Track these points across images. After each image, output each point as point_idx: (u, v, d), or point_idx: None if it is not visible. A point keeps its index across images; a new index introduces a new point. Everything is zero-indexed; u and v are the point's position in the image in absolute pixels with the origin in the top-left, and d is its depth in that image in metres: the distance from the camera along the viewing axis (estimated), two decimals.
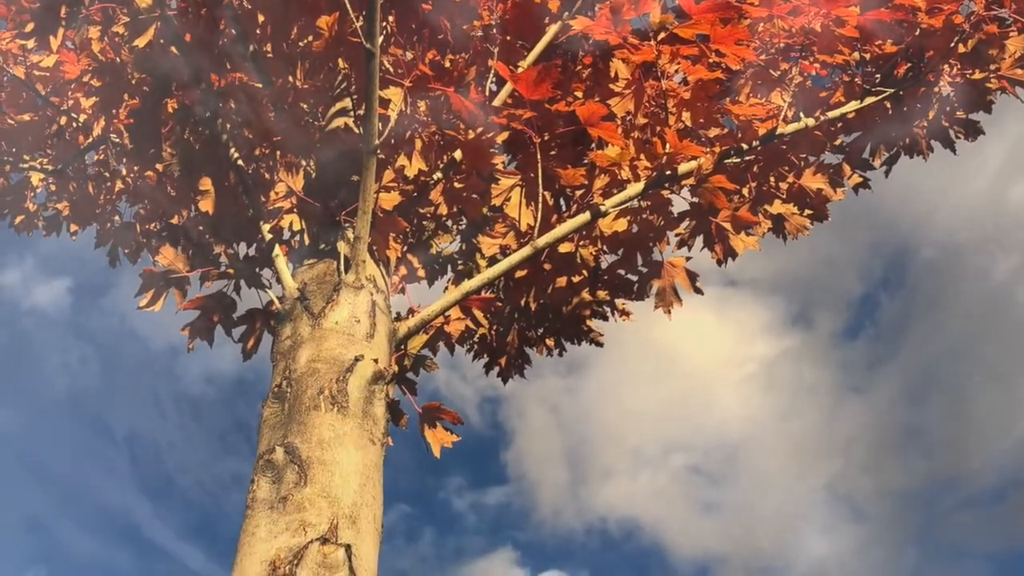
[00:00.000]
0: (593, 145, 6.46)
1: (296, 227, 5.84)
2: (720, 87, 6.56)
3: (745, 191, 6.97)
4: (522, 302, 6.95)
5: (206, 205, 6.07)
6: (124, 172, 9.43)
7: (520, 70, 5.98)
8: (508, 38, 6.48)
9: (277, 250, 5.73)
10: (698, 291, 6.73)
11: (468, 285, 5.70)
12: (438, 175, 6.15)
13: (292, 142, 6.17)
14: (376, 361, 5.08)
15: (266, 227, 5.82)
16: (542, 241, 5.68)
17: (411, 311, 6.10)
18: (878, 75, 6.98)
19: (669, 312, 6.74)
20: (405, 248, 6.36)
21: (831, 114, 6.73)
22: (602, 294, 7.17)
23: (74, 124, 9.26)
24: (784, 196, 7.09)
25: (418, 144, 5.93)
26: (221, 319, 6.34)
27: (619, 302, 7.32)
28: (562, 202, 6.70)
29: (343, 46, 5.95)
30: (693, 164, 6.06)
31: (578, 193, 6.40)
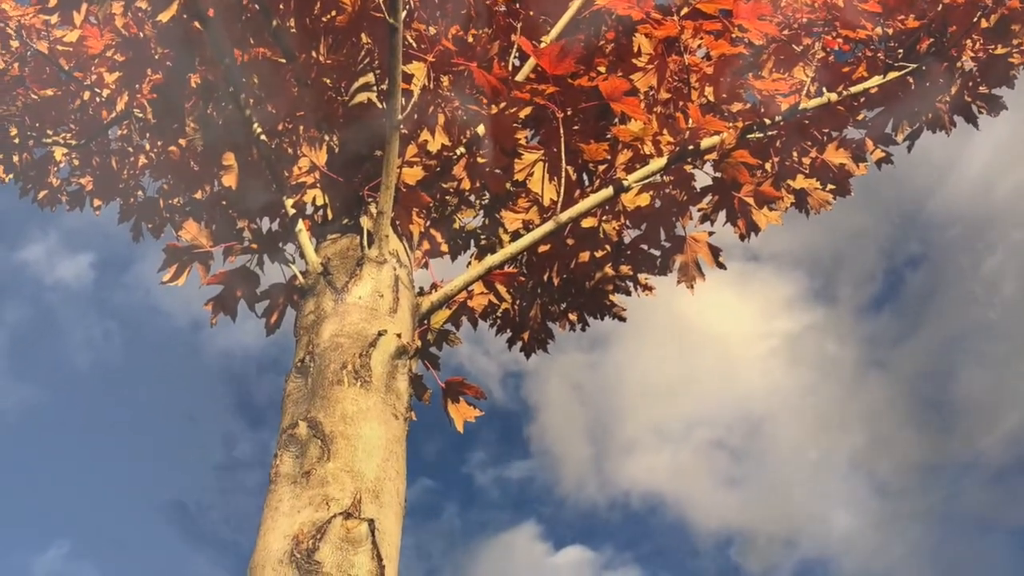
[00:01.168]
0: (616, 120, 6.43)
1: (319, 202, 5.82)
2: (742, 62, 6.54)
3: (768, 166, 6.93)
4: (545, 277, 6.94)
5: (229, 180, 6.05)
6: (147, 147, 9.43)
7: (543, 45, 5.97)
8: (531, 13, 6.45)
9: (300, 225, 5.71)
10: (721, 266, 6.71)
11: (491, 260, 5.68)
12: (461, 150, 6.13)
13: (315, 117, 6.15)
14: (399, 336, 5.06)
15: (289, 202, 5.79)
16: (565, 216, 5.66)
17: (434, 286, 6.08)
18: (900, 50, 6.93)
19: (692, 287, 6.71)
20: (428, 223, 6.33)
21: (854, 89, 6.69)
22: (625, 269, 7.14)
23: (97, 99, 9.26)
24: (807, 171, 7.05)
25: (441, 119, 5.91)
26: (244, 294, 6.32)
27: (642, 277, 7.29)
28: (585, 177, 6.66)
29: (366, 21, 5.93)
30: (716, 139, 6.02)
31: (601, 168, 6.38)
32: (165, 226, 9.55)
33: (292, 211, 5.77)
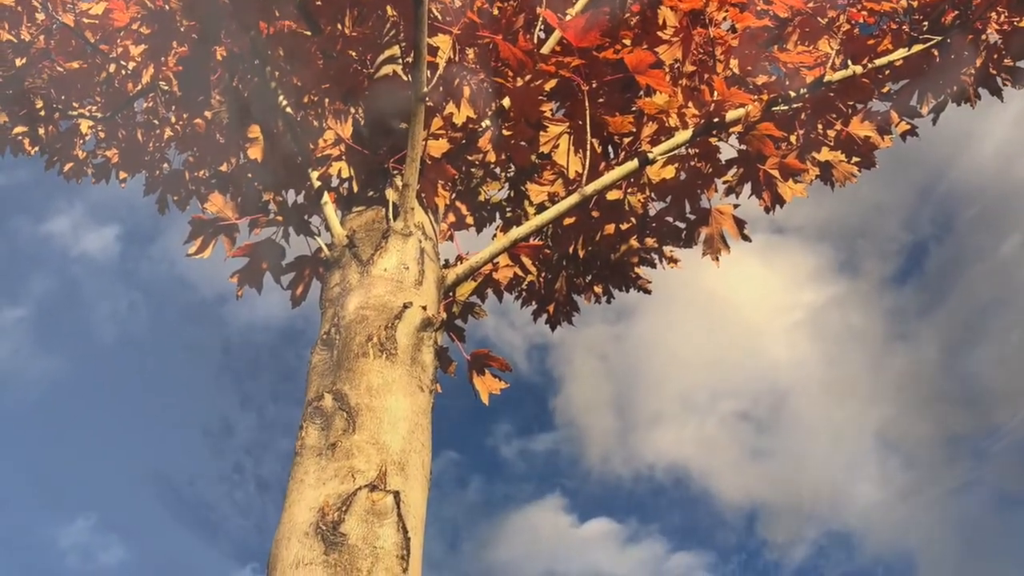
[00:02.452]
0: (641, 93, 6.41)
1: (345, 174, 5.81)
2: (767, 35, 6.50)
3: (793, 138, 6.90)
4: (570, 249, 6.92)
5: (255, 152, 6.04)
6: (173, 119, 9.42)
7: (568, 18, 5.93)
8: None
9: (326, 197, 5.69)
10: (746, 238, 6.68)
11: (516, 232, 5.67)
12: (486, 122, 6.11)
13: (340, 89, 6.13)
14: (425, 308, 5.04)
15: (315, 174, 5.78)
16: (590, 188, 5.64)
17: (459, 258, 6.07)
18: (925, 22, 6.88)
19: (717, 259, 6.70)
20: (454, 195, 6.32)
21: (878, 62, 6.64)
22: (650, 241, 7.14)
23: (123, 72, 9.25)
24: (832, 143, 7.02)
25: (466, 91, 5.88)
26: (270, 266, 6.31)
27: (667, 249, 7.30)
28: (610, 149, 6.63)
29: None
30: (741, 111, 6.00)
31: (626, 140, 6.35)
32: (191, 198, 9.56)
33: (317, 183, 5.76)
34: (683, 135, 5.98)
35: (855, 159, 7.12)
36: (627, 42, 6.16)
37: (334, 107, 5.91)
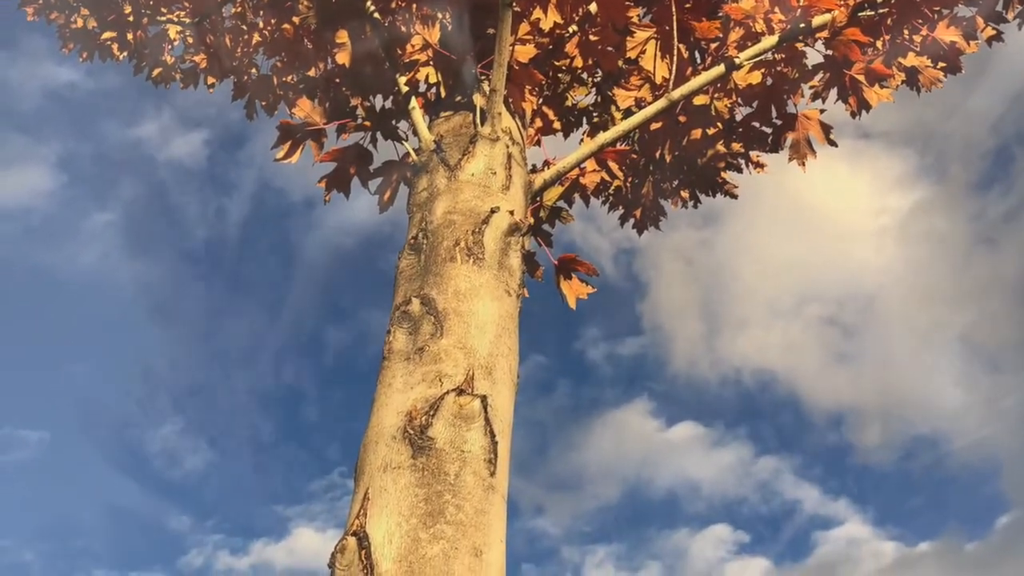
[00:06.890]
0: None
1: (432, 80, 5.75)
2: None
3: (879, 44, 6.78)
4: (657, 154, 6.86)
5: (343, 58, 5.99)
6: (261, 25, 9.38)
7: None
8: None
9: (413, 102, 5.65)
10: (832, 143, 6.61)
11: (603, 137, 5.60)
12: (573, 28, 6.03)
13: None
14: (512, 213, 4.98)
15: (402, 80, 5.73)
16: (677, 93, 5.57)
17: (547, 163, 6.02)
18: None
19: (803, 164, 6.63)
20: (540, 100, 6.25)
21: None
22: (736, 146, 7.06)
23: None
24: (918, 49, 6.91)
25: None
26: (357, 171, 6.29)
27: (753, 154, 7.22)
28: (697, 55, 6.54)
29: None
30: (827, 16, 5.90)
31: (713, 46, 6.28)
32: (279, 104, 9.53)
33: (405, 89, 5.71)
34: (769, 40, 5.89)
35: (941, 64, 7.01)
36: None
37: (422, 12, 5.84)
